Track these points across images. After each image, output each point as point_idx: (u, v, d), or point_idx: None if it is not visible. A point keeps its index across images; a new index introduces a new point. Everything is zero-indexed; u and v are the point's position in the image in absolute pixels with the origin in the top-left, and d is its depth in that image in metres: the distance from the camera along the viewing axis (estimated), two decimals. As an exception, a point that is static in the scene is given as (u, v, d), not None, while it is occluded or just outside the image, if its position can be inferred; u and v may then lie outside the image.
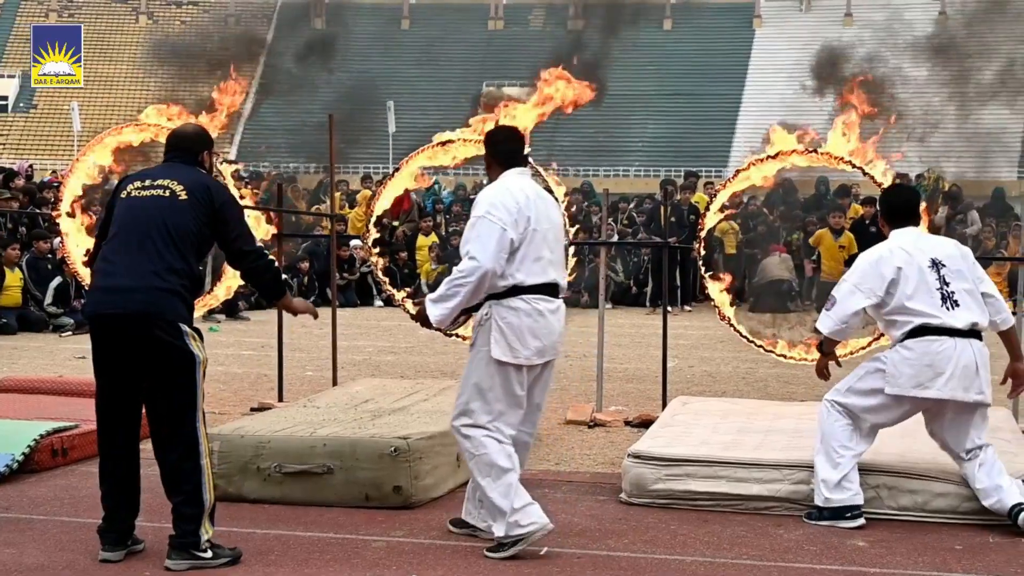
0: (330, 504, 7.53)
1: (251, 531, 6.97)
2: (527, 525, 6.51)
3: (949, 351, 7.16)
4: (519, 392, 6.65)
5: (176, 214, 6.36)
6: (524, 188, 6.69)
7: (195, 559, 6.25)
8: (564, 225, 7.27)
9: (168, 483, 6.35)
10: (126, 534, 6.48)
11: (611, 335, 12.97)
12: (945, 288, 7.21)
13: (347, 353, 14.36)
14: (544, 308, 6.63)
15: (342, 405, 9.06)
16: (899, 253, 7.28)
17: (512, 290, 6.57)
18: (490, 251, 6.47)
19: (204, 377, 6.42)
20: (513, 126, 7.13)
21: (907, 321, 7.23)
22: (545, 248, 6.64)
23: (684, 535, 7.03)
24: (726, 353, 15.35)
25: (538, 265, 6.60)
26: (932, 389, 7.18)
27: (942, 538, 6.99)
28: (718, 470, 7.61)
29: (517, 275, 6.56)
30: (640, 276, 23.46)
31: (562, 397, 11.83)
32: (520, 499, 6.53)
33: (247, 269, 6.65)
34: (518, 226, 6.52)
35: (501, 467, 6.54)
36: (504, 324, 6.56)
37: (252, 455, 7.69)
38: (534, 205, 6.62)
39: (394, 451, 7.47)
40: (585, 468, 8.88)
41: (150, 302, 6.25)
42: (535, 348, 6.61)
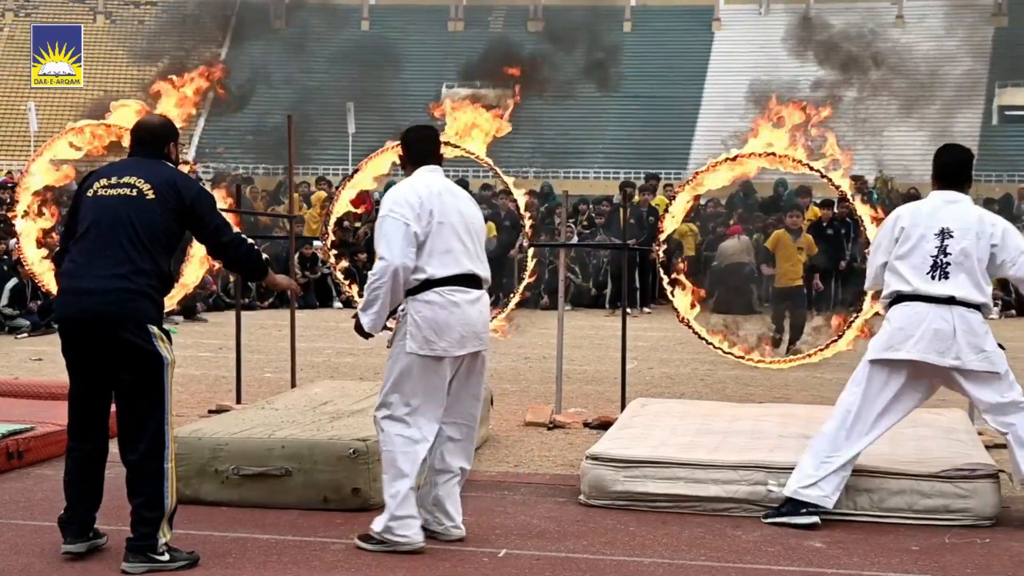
0: (288, 506, 7.51)
1: (208, 534, 6.94)
2: (399, 537, 6.60)
3: (921, 315, 7.28)
4: (438, 385, 6.69)
5: (143, 213, 6.32)
6: (430, 183, 6.78)
7: (152, 562, 6.22)
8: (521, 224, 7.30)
9: (130, 484, 6.32)
10: (87, 526, 6.46)
11: (570, 337, 12.99)
12: (941, 258, 7.32)
13: (306, 355, 14.32)
14: (460, 299, 6.68)
15: (300, 407, 9.03)
16: (910, 215, 7.49)
17: (425, 284, 6.64)
18: (396, 247, 6.57)
19: (172, 379, 6.40)
20: (427, 126, 7.18)
21: (889, 285, 7.42)
22: (455, 240, 6.69)
23: (643, 537, 7.05)
24: (685, 355, 15.40)
25: (449, 257, 6.67)
26: (902, 351, 7.31)
27: (899, 539, 7.03)
28: (676, 471, 7.63)
29: (427, 268, 6.64)
30: (600, 278, 23.50)
31: (521, 399, 11.85)
32: (404, 509, 6.60)
33: (230, 259, 6.66)
34: (421, 220, 6.61)
35: (399, 470, 6.62)
36: (419, 318, 6.63)
37: (210, 457, 7.67)
38: (439, 199, 6.70)
39: (353, 453, 7.45)
40: (544, 470, 8.89)
41: (118, 304, 6.22)
42: (452, 339, 6.66)
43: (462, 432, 6.90)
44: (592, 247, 23.14)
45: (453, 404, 6.86)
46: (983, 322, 7.34)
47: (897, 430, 8.73)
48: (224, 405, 10.85)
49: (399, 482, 6.61)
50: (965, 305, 7.30)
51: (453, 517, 6.88)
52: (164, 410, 6.31)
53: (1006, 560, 6.68)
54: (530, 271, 11.33)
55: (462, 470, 6.92)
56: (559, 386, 11.02)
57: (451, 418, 6.87)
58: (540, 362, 14.62)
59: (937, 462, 7.58)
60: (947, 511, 7.32)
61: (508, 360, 14.83)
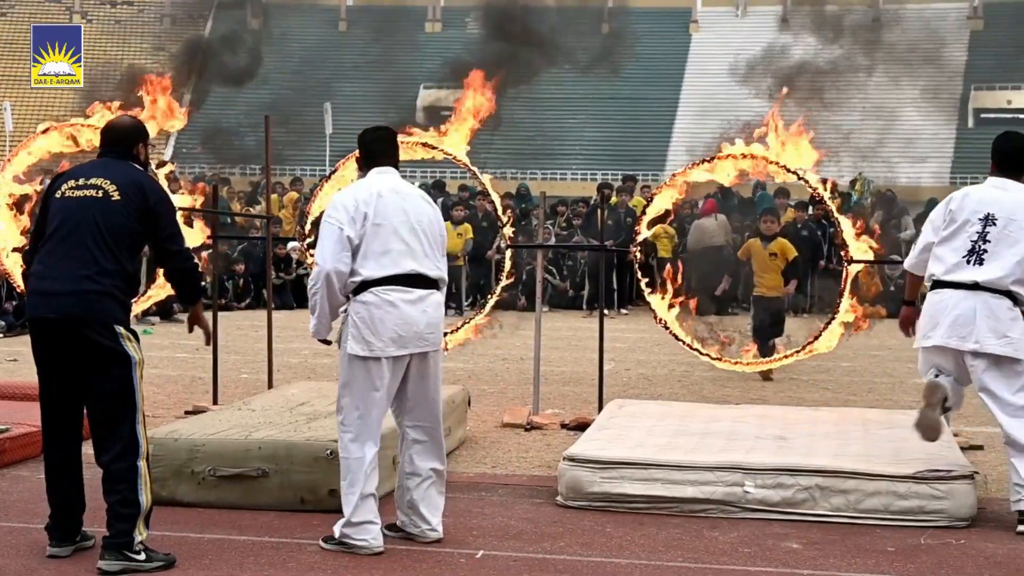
0: (265, 508, 7.50)
1: (185, 535, 6.93)
2: (358, 541, 6.65)
3: (947, 301, 7.43)
4: (379, 386, 6.70)
5: (109, 215, 6.32)
6: (372, 185, 6.81)
7: (128, 560, 6.21)
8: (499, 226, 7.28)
9: (105, 483, 6.32)
10: (73, 530, 6.47)
11: (548, 338, 12.99)
12: (980, 244, 7.41)
13: (283, 356, 14.29)
14: (397, 298, 6.68)
15: (277, 408, 9.01)
16: (960, 198, 7.60)
17: (362, 285, 6.69)
18: (327, 252, 6.66)
19: (142, 378, 6.40)
20: (382, 127, 7.20)
21: (928, 269, 7.59)
22: (396, 241, 6.70)
23: (620, 538, 7.05)
24: (662, 356, 15.41)
25: (386, 258, 6.68)
26: (932, 338, 7.49)
27: (875, 540, 7.05)
28: (653, 472, 7.64)
29: (362, 271, 6.68)
30: (577, 279, 23.51)
31: (499, 400, 11.84)
32: (360, 515, 6.65)
33: (172, 268, 6.63)
34: (355, 223, 6.65)
35: (353, 478, 6.68)
36: (357, 319, 6.69)
37: (186, 458, 7.65)
38: (378, 201, 6.72)
39: (330, 454, 7.44)
40: (521, 471, 8.89)
41: (84, 305, 6.24)
42: (388, 339, 6.67)
43: (427, 434, 6.90)
44: (570, 248, 23.14)
45: (412, 407, 6.89)
46: (1011, 308, 7.39)
47: (873, 431, 8.80)
48: (201, 406, 10.81)
49: (352, 489, 6.68)
50: (991, 291, 7.37)
51: (428, 520, 6.88)
52: (135, 409, 6.33)
53: (981, 561, 6.70)
54: (507, 272, 11.33)
55: (435, 471, 6.91)
56: (536, 387, 11.02)
57: (413, 421, 6.89)
58: (517, 363, 14.61)
59: (913, 464, 7.61)
60: (923, 512, 7.35)
61: (485, 361, 14.83)
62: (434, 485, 6.91)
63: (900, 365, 14.96)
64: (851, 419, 9.46)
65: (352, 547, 6.65)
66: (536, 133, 42.27)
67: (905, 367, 14.80)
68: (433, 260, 6.84)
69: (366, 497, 6.67)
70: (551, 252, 22.56)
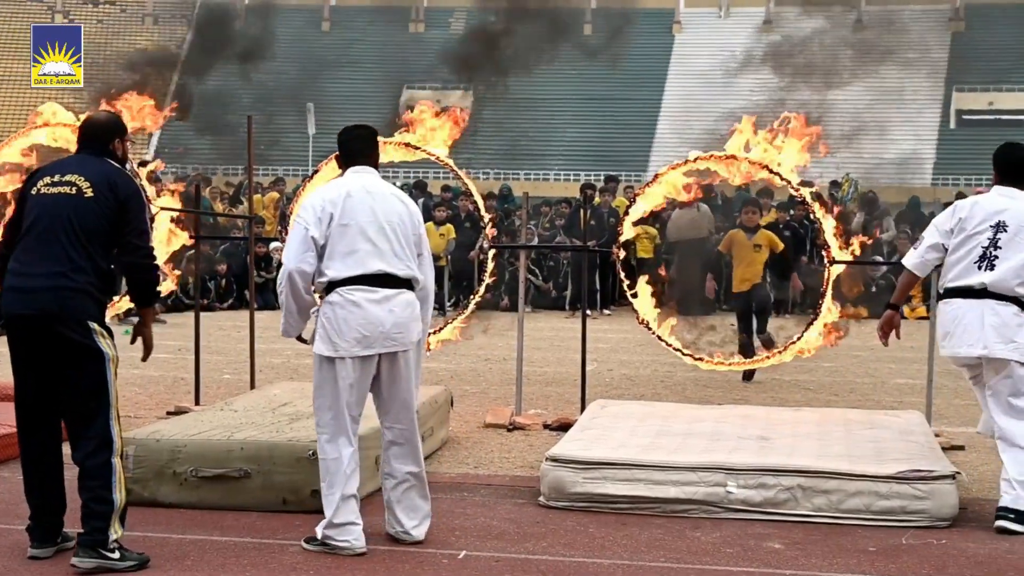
0: (247, 508, 7.48)
1: (166, 536, 6.91)
2: (340, 542, 6.65)
3: (955, 311, 7.60)
4: (347, 387, 6.70)
5: (82, 212, 6.31)
6: (344, 185, 6.83)
7: (102, 558, 6.19)
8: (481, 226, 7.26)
9: (79, 480, 6.30)
10: (54, 531, 6.45)
11: (530, 339, 12.99)
12: (991, 249, 7.55)
13: (265, 356, 14.27)
14: (361, 298, 6.68)
15: (260, 408, 9.00)
16: (969, 207, 7.72)
17: (329, 286, 6.72)
18: (292, 252, 6.70)
19: (116, 375, 6.38)
20: (361, 126, 7.19)
21: (943, 282, 7.74)
22: (363, 241, 6.70)
23: (602, 538, 7.05)
24: (645, 356, 15.42)
25: (352, 258, 6.69)
26: (946, 348, 7.70)
27: (856, 540, 7.06)
28: (636, 473, 7.64)
29: (328, 272, 6.71)
30: (560, 280, 23.51)
31: (481, 400, 11.84)
32: (342, 516, 6.65)
33: (131, 263, 6.48)
34: (321, 224, 6.68)
35: (332, 479, 6.69)
36: (324, 319, 6.72)
37: (168, 459, 7.63)
38: (347, 201, 6.73)
39: (312, 455, 7.41)
40: (504, 471, 8.89)
41: (58, 302, 6.23)
42: (353, 339, 6.67)
43: (402, 436, 6.88)
44: (552, 249, 23.14)
45: (387, 409, 6.89)
46: (1017, 314, 7.51)
47: (855, 431, 8.82)
48: (183, 406, 10.79)
49: (332, 491, 6.68)
50: (997, 297, 7.51)
51: (403, 522, 6.86)
52: (108, 406, 6.31)
53: (962, 561, 6.72)
54: (490, 272, 11.33)
55: (412, 475, 6.87)
56: (519, 388, 11.02)
57: (388, 422, 6.89)
58: (500, 364, 14.61)
59: (894, 464, 7.62)
60: (904, 512, 7.36)
61: (468, 362, 14.82)
62: (413, 489, 6.89)
63: (881, 366, 15.00)
64: (833, 419, 9.48)
65: (334, 548, 6.64)
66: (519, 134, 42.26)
67: (886, 367, 14.85)
68: (404, 259, 6.81)
69: (347, 498, 6.66)
70: (534, 252, 22.56)
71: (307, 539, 6.78)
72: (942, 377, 11.36)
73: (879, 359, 15.42)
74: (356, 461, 6.75)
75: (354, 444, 6.75)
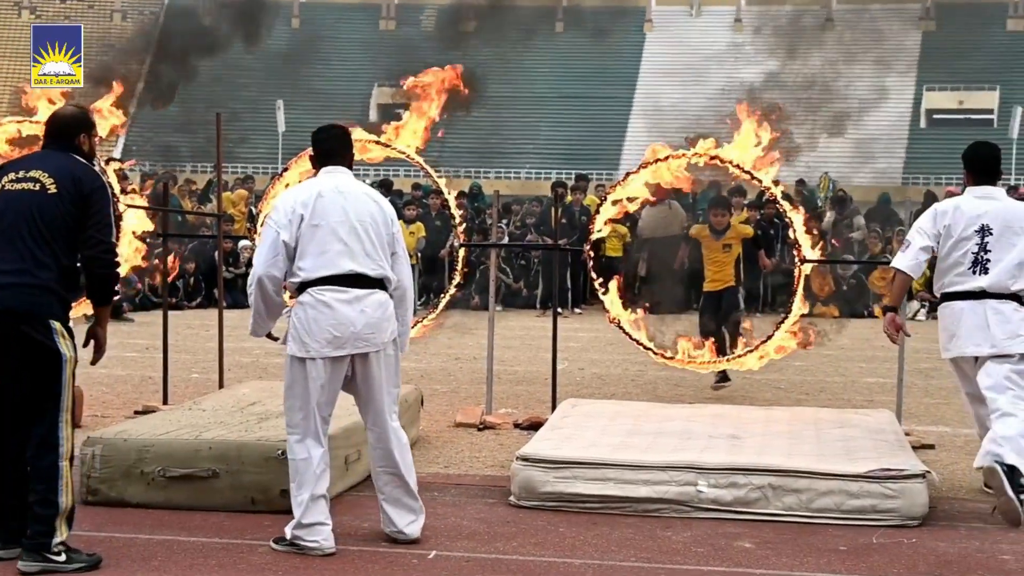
0: (215, 508, 7.45)
1: (133, 536, 6.87)
2: (308, 543, 6.63)
3: (957, 313, 7.81)
4: (318, 387, 6.69)
5: (46, 208, 6.26)
6: (316, 186, 6.81)
7: (47, 561, 6.15)
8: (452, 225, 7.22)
9: (29, 483, 6.24)
10: (18, 533, 6.37)
11: (501, 338, 12.99)
12: (982, 254, 7.77)
13: (234, 355, 14.21)
14: (332, 298, 6.67)
15: (228, 408, 8.97)
16: (952, 212, 7.88)
17: (301, 286, 6.72)
18: (262, 256, 6.72)
19: (74, 377, 6.33)
20: (335, 125, 7.17)
21: (939, 286, 7.95)
22: (334, 241, 6.69)
23: (573, 538, 7.05)
24: (616, 356, 15.43)
25: (324, 258, 6.68)
26: (952, 350, 7.89)
27: (827, 539, 7.08)
28: (607, 472, 7.65)
29: (300, 272, 6.70)
30: (531, 279, 23.51)
31: (451, 399, 11.82)
32: (311, 516, 6.64)
33: (90, 257, 6.38)
34: (291, 226, 6.67)
35: (301, 480, 6.68)
36: (295, 319, 6.72)
37: (135, 459, 7.59)
38: (318, 201, 6.71)
39: (281, 454, 7.39)
40: (474, 471, 8.88)
41: (20, 299, 6.18)
42: (323, 340, 6.66)
43: (381, 438, 6.87)
44: (523, 247, 23.14)
45: (366, 410, 6.89)
46: (1017, 309, 7.75)
47: (825, 430, 8.85)
48: (150, 406, 10.73)
49: (301, 491, 6.67)
50: (997, 297, 7.74)
51: (395, 521, 6.87)
52: (59, 408, 6.25)
53: (932, 560, 6.75)
54: (460, 271, 11.31)
55: (394, 476, 6.87)
56: (489, 387, 11.01)
57: (370, 424, 6.90)
58: (470, 363, 14.60)
59: (865, 463, 7.65)
60: (875, 511, 7.38)
61: (438, 360, 14.80)
62: (399, 488, 6.88)
63: (852, 365, 15.06)
64: (804, 418, 9.51)
65: (303, 548, 6.62)
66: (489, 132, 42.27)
67: (857, 366, 14.91)
68: (376, 259, 6.79)
69: (316, 499, 6.65)
70: (504, 251, 22.55)
71: (276, 539, 6.76)
72: (912, 376, 11.43)
73: (850, 358, 15.49)
74: (326, 462, 6.73)
75: (324, 445, 6.74)
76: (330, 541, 6.65)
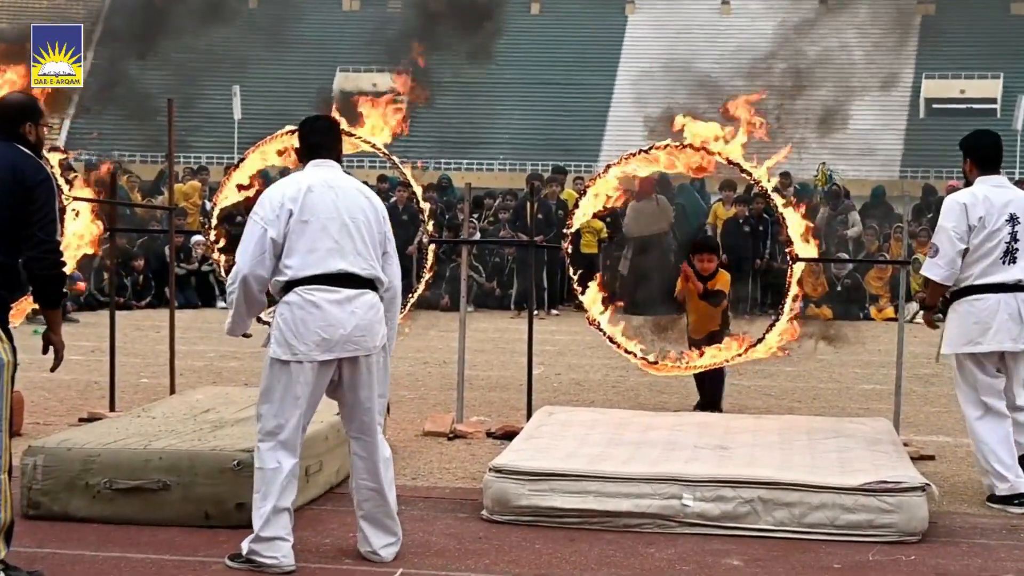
0: (167, 523, 7.43)
1: (79, 553, 6.86)
2: (266, 559, 6.60)
3: (993, 306, 8.09)
4: (300, 394, 6.67)
5: None
6: (302, 180, 6.79)
7: None
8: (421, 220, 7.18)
9: None
10: None
11: (473, 340, 12.99)
12: (1012, 243, 8.10)
13: (186, 359, 14.18)
14: (321, 299, 6.66)
15: (180, 415, 8.95)
16: (983, 202, 8.14)
17: (287, 285, 6.69)
18: (247, 253, 6.66)
19: (11, 384, 6.29)
20: (324, 116, 7.19)
21: (963, 277, 8.19)
22: (324, 239, 6.69)
23: (549, 554, 7.06)
24: (595, 360, 15.46)
25: (312, 256, 6.67)
26: (983, 344, 8.12)
27: (820, 556, 7.10)
28: (586, 485, 7.65)
29: (287, 271, 6.67)
30: (504, 277, 23.52)
31: (420, 407, 11.82)
32: (270, 530, 6.60)
33: (32, 258, 6.32)
34: (279, 221, 6.65)
35: (266, 491, 6.63)
36: (281, 320, 6.68)
37: (80, 470, 7.56)
38: (308, 196, 6.70)
39: (237, 465, 7.38)
40: (444, 483, 8.88)
41: None
42: (312, 343, 6.64)
43: (364, 448, 6.87)
44: (497, 244, 23.14)
45: (351, 417, 6.88)
46: None
47: (819, 440, 8.87)
48: (96, 413, 10.70)
49: (265, 503, 6.64)
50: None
51: (371, 541, 6.86)
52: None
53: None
54: (429, 269, 11.30)
55: (375, 491, 6.86)
56: (460, 393, 11.00)
57: (354, 432, 6.88)
58: (440, 367, 14.60)
59: (861, 475, 7.67)
60: (871, 526, 7.40)
61: (406, 365, 14.80)
62: (379, 508, 6.87)
63: (847, 370, 15.11)
64: (796, 427, 9.53)
65: (260, 565, 6.60)
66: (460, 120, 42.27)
67: (852, 372, 14.96)
68: (367, 259, 6.80)
69: (279, 511, 6.62)
70: (476, 248, 22.55)
71: (231, 556, 6.74)
72: (911, 382, 11.47)
73: (844, 363, 15.54)
74: (295, 474, 6.71)
75: (297, 456, 6.71)
76: (290, 558, 6.63)
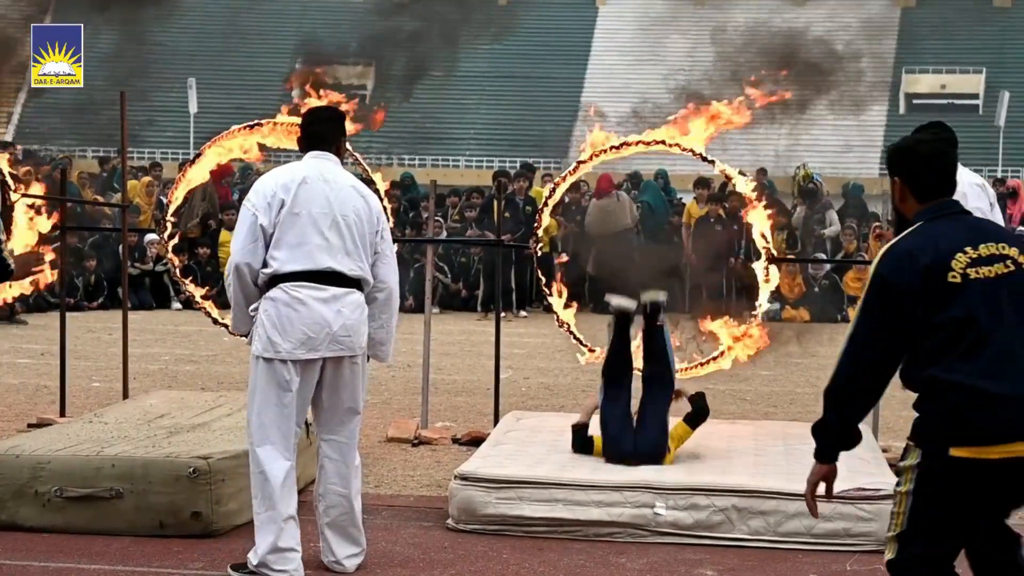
0: (120, 533, 7.43)
1: (27, 564, 6.85)
2: (277, 571, 6.59)
3: None
4: (286, 392, 6.68)
5: None
6: (299, 170, 6.82)
7: None
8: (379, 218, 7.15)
9: None
10: None
11: (438, 343, 12.99)
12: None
13: (140, 362, 14.15)
14: (307, 296, 6.67)
15: (134, 421, 8.93)
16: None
17: (272, 280, 6.70)
18: (239, 241, 6.71)
19: None
20: (328, 107, 7.25)
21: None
22: (314, 233, 6.70)
23: (517, 564, 7.08)
24: (564, 363, 15.47)
25: (301, 251, 6.69)
26: None
27: (796, 566, 7.14)
28: (554, 493, 7.67)
29: (273, 263, 6.69)
30: (471, 278, 23.51)
31: (383, 412, 11.82)
32: (287, 540, 6.59)
33: None
34: (271, 210, 6.68)
35: (266, 497, 6.62)
36: (264, 316, 6.70)
37: (29, 477, 7.55)
38: (301, 188, 6.73)
39: (193, 472, 7.38)
40: (408, 491, 8.89)
41: None
42: (296, 341, 6.66)
43: (338, 452, 6.88)
44: (463, 243, 23.13)
45: (325, 418, 6.89)
46: None
47: (795, 447, 8.90)
48: (46, 418, 10.68)
49: (268, 510, 6.61)
50: None
51: (335, 551, 6.86)
52: None
53: (911, 588, 6.81)
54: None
55: (344, 498, 6.86)
56: (425, 398, 11.01)
57: (327, 434, 6.90)
58: (404, 371, 14.59)
59: (838, 482, 7.69)
60: (848, 535, 7.45)
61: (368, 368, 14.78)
62: (345, 516, 6.87)
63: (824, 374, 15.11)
64: (771, 433, 9.58)
65: None
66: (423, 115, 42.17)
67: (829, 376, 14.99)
68: (356, 258, 6.82)
69: (288, 520, 6.60)
70: (441, 247, 22.54)
71: (234, 566, 6.69)
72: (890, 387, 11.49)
73: (822, 367, 15.57)
74: (293, 478, 6.69)
75: (292, 458, 6.70)
76: (300, 572, 6.63)
